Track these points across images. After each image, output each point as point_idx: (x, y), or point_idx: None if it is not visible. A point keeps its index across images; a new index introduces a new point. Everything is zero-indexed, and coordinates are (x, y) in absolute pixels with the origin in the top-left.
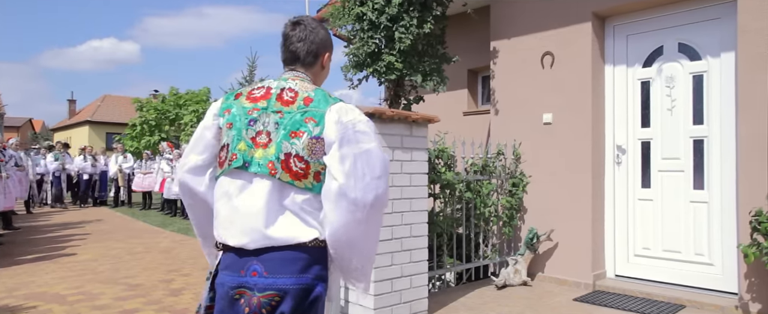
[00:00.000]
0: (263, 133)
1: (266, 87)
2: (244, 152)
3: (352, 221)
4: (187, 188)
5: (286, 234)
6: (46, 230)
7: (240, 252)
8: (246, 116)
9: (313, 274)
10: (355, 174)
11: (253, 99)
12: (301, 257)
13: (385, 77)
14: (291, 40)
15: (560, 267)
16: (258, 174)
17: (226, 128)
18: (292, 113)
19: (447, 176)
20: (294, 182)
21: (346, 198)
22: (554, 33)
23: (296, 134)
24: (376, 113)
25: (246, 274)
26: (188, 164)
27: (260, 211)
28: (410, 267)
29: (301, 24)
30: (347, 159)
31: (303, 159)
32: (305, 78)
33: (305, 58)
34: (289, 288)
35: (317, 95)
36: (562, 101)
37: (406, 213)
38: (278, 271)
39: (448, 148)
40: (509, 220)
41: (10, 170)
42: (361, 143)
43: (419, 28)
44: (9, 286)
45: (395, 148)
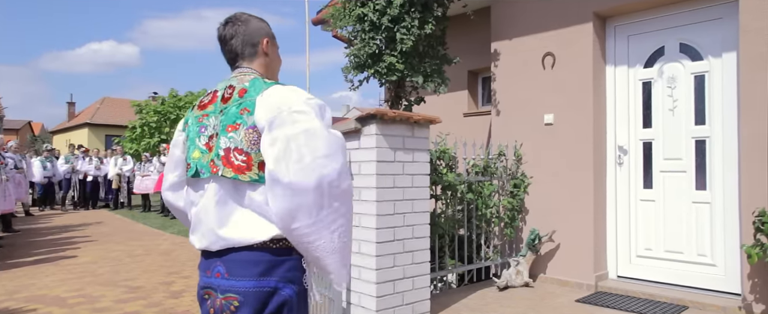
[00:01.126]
0: (214, 136)
1: (213, 91)
2: (197, 159)
3: (293, 209)
4: (170, 204)
5: (242, 235)
6: (45, 232)
7: (206, 254)
8: (197, 124)
9: (277, 276)
10: (288, 157)
11: (203, 106)
12: (263, 258)
13: (386, 78)
14: (225, 40)
15: (562, 268)
16: (211, 177)
17: (185, 141)
18: (228, 107)
19: (448, 177)
20: (238, 176)
21: (279, 184)
22: (555, 34)
23: (233, 128)
24: (377, 114)
25: (211, 274)
26: (167, 182)
27: (214, 213)
28: (412, 269)
29: (230, 21)
30: (278, 141)
31: (243, 151)
32: (249, 71)
33: (244, 51)
34: (248, 292)
35: (252, 84)
36: (564, 101)
37: (408, 214)
38: (238, 273)
39: (450, 149)
40: (511, 221)
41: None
42: (298, 122)
43: (420, 30)
44: (9, 289)
45: (397, 149)
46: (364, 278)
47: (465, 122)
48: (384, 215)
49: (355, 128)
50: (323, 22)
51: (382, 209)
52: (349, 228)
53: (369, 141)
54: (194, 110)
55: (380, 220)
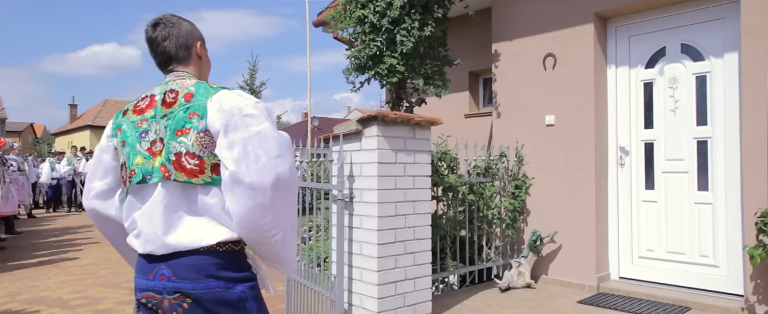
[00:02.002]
0: (157, 141)
1: (150, 96)
2: (142, 165)
3: (255, 207)
4: (96, 213)
5: (190, 239)
6: (48, 234)
7: (149, 257)
8: (135, 129)
9: (226, 277)
10: (247, 158)
11: (140, 111)
12: (210, 262)
13: (386, 80)
14: (157, 42)
15: (564, 269)
16: (159, 182)
17: (120, 147)
18: (174, 111)
19: (450, 178)
20: (192, 180)
21: (241, 184)
22: (556, 34)
23: (182, 132)
24: (379, 116)
25: (154, 278)
26: (93, 190)
27: (160, 218)
28: (414, 270)
29: (161, 23)
30: (236, 145)
31: (195, 155)
32: (186, 75)
33: (177, 54)
34: (198, 293)
35: (198, 89)
36: (565, 102)
37: (409, 216)
38: (185, 277)
39: (451, 150)
40: (512, 222)
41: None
42: (250, 126)
43: (420, 31)
44: (11, 290)
45: (398, 150)
46: (365, 279)
47: (466, 123)
48: (385, 217)
49: (356, 130)
50: (324, 24)
51: (383, 210)
52: (296, 221)
53: (370, 143)
54: (128, 115)
55: (382, 222)
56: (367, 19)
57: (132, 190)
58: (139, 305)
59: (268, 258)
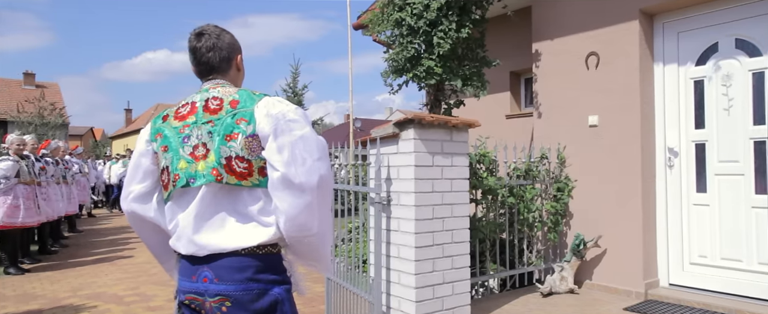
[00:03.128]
0: (200, 145)
1: (191, 102)
2: (185, 169)
3: (304, 206)
4: (136, 216)
5: (231, 241)
6: (106, 233)
7: (192, 259)
8: (178, 135)
9: (265, 279)
10: (295, 161)
11: (181, 117)
12: (251, 264)
13: (424, 82)
14: (201, 52)
15: (609, 275)
16: (204, 185)
17: (161, 151)
18: (222, 118)
19: (489, 181)
20: (241, 182)
21: (291, 185)
22: (599, 33)
23: (231, 137)
24: (415, 118)
25: (197, 280)
26: (132, 194)
27: (204, 221)
28: (452, 274)
29: (205, 33)
30: (285, 148)
31: (244, 159)
32: (225, 84)
33: (219, 66)
34: (239, 295)
35: (242, 96)
36: (609, 102)
37: (447, 219)
38: (226, 278)
39: (490, 152)
40: (554, 226)
41: (75, 176)
42: (294, 130)
43: (458, 33)
44: (74, 286)
45: (435, 153)
46: (403, 282)
47: (507, 124)
48: (423, 220)
49: (393, 133)
50: (364, 27)
51: (420, 213)
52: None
53: (407, 146)
54: (169, 121)
55: (419, 225)
56: (404, 22)
57: (175, 194)
58: (181, 305)
59: (307, 257)
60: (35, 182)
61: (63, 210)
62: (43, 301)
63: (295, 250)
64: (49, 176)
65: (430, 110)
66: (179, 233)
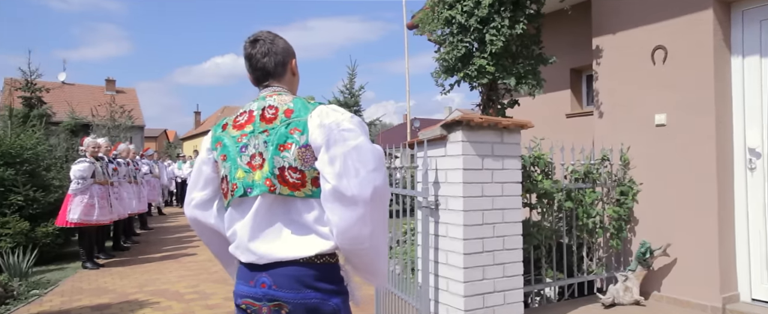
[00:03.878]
0: (256, 155)
1: (248, 111)
2: (243, 179)
3: (356, 219)
4: (197, 221)
5: (289, 250)
6: (174, 230)
7: (251, 266)
8: (236, 144)
9: (322, 289)
10: (347, 172)
11: (239, 126)
12: (308, 273)
13: (476, 81)
14: (256, 58)
15: (681, 287)
16: (260, 195)
17: (221, 160)
18: (276, 127)
19: (544, 184)
20: (294, 193)
21: (343, 198)
22: (667, 24)
23: (285, 147)
24: (463, 120)
25: (255, 285)
26: (194, 201)
27: (268, 229)
28: (503, 282)
29: (260, 40)
30: (337, 160)
31: (297, 169)
32: (282, 90)
33: (275, 71)
34: (296, 303)
35: (296, 105)
36: (678, 99)
37: (498, 225)
38: (285, 286)
39: (545, 154)
40: (617, 232)
41: (146, 177)
42: (348, 140)
43: (511, 29)
44: (140, 282)
45: (485, 156)
46: (451, 290)
47: (568, 124)
48: (472, 226)
49: (440, 135)
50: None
51: (469, 219)
52: (387, 232)
53: (455, 148)
54: (228, 130)
55: (468, 230)
56: (454, 20)
57: (233, 203)
58: (239, 310)
59: (361, 269)
60: (108, 183)
61: (134, 209)
62: (113, 295)
63: (349, 261)
64: (121, 176)
65: (483, 111)
66: (238, 243)
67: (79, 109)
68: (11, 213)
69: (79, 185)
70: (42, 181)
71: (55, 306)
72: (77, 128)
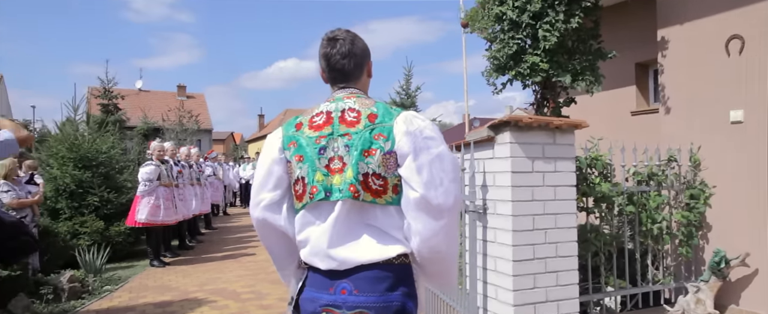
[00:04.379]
0: (336, 158)
1: (325, 112)
2: (322, 182)
3: (439, 228)
4: (267, 224)
5: (372, 254)
6: (236, 230)
7: (329, 273)
8: (314, 145)
9: (401, 292)
10: (433, 182)
11: (317, 127)
12: (389, 275)
13: (530, 79)
14: (335, 59)
15: (763, 301)
16: (340, 200)
17: (295, 160)
18: (360, 132)
19: (602, 187)
20: (376, 200)
21: (429, 207)
22: (743, 12)
23: (369, 153)
24: (511, 121)
25: (335, 292)
26: (264, 202)
27: (348, 234)
28: (557, 291)
29: (339, 39)
30: (424, 169)
31: (380, 176)
32: (359, 93)
33: (353, 73)
34: (379, 306)
35: (380, 110)
36: (758, 93)
37: (550, 230)
38: (367, 290)
39: (603, 155)
40: (687, 239)
41: (209, 179)
42: (432, 148)
43: (566, 24)
44: (201, 280)
45: (535, 158)
46: (501, 298)
47: (633, 122)
48: (521, 231)
49: (487, 136)
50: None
51: (518, 224)
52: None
53: (503, 150)
54: (303, 130)
55: (516, 236)
56: (505, 16)
57: (309, 206)
58: None
59: (435, 276)
60: (173, 184)
61: (197, 209)
62: (175, 293)
63: (423, 268)
64: (185, 178)
65: (538, 110)
66: (314, 249)
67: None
68: (88, 213)
69: (146, 187)
70: (115, 183)
71: (122, 302)
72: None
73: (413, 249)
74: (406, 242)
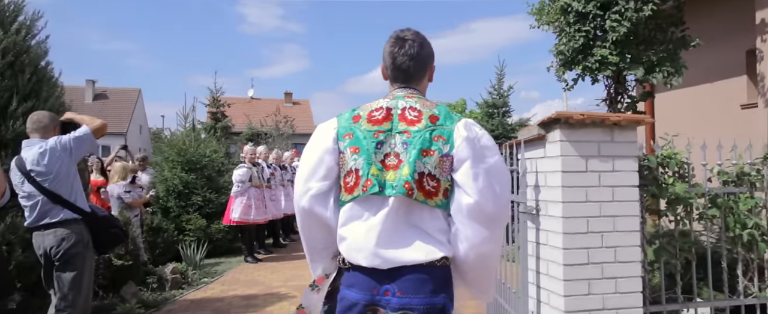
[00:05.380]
0: (392, 155)
1: (385, 108)
2: (377, 176)
3: (489, 235)
4: (312, 214)
5: (418, 255)
6: None
7: (372, 272)
8: (372, 139)
9: (444, 294)
10: (488, 189)
11: (376, 121)
12: (433, 277)
13: (599, 73)
14: (401, 58)
15: None
16: (392, 196)
17: (349, 152)
18: (420, 131)
19: (676, 188)
20: (427, 201)
21: (483, 214)
22: None
23: (427, 153)
24: (561, 118)
25: (378, 293)
26: (312, 191)
27: (395, 233)
28: (615, 299)
29: (408, 40)
30: (480, 176)
31: (434, 177)
32: (419, 94)
33: (417, 73)
34: (423, 308)
35: (441, 112)
36: None
37: (607, 234)
38: (411, 292)
39: (679, 153)
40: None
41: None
42: (488, 157)
43: (638, 12)
44: (287, 276)
45: (590, 157)
46: (552, 304)
47: (743, 117)
48: (572, 234)
49: (538, 135)
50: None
51: (569, 226)
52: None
53: (553, 149)
54: (361, 123)
55: (567, 239)
56: (570, 8)
57: (359, 199)
58: None
59: (474, 283)
60: (264, 186)
61: (288, 209)
62: (261, 287)
63: (464, 274)
64: (277, 180)
65: (610, 105)
66: (359, 244)
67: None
68: (193, 212)
69: (239, 188)
70: (216, 184)
71: (214, 294)
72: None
73: (459, 254)
74: (449, 246)
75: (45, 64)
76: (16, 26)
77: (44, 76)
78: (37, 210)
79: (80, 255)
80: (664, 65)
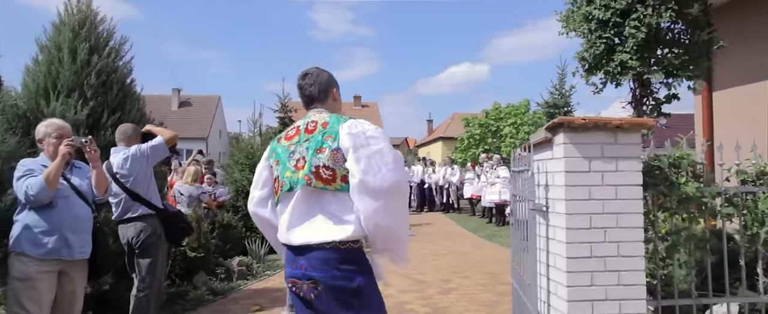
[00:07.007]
0: (300, 159)
1: (296, 127)
2: (290, 177)
3: (378, 207)
4: (257, 216)
5: (322, 235)
6: None
7: (293, 250)
8: (287, 151)
9: (348, 269)
10: (371, 169)
11: (289, 138)
12: (334, 256)
13: (620, 78)
14: (304, 87)
15: None
16: (300, 188)
17: (275, 165)
18: (315, 136)
19: (687, 187)
20: (326, 187)
21: (367, 189)
22: None
23: (320, 151)
24: (564, 122)
25: (296, 267)
26: (254, 199)
27: (301, 216)
28: (618, 291)
29: (308, 74)
30: (362, 159)
31: (329, 167)
32: (323, 111)
33: (319, 96)
34: (326, 281)
35: (331, 119)
36: None
37: (610, 229)
38: (316, 267)
39: (691, 154)
40: None
41: None
42: (372, 145)
43: (658, 18)
44: None
45: (593, 158)
46: (559, 294)
47: None
48: (575, 229)
49: (545, 138)
50: None
51: (572, 222)
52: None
53: (558, 151)
54: (281, 142)
55: (570, 234)
56: (591, 16)
57: (282, 197)
58: (289, 289)
59: (383, 250)
60: None
61: None
62: None
63: (373, 245)
64: None
65: (635, 108)
66: (282, 229)
67: None
68: None
69: None
70: None
71: (275, 284)
72: None
73: (363, 227)
74: (356, 224)
75: (130, 81)
76: (107, 51)
77: (129, 92)
78: (121, 206)
79: (155, 244)
80: (686, 68)
